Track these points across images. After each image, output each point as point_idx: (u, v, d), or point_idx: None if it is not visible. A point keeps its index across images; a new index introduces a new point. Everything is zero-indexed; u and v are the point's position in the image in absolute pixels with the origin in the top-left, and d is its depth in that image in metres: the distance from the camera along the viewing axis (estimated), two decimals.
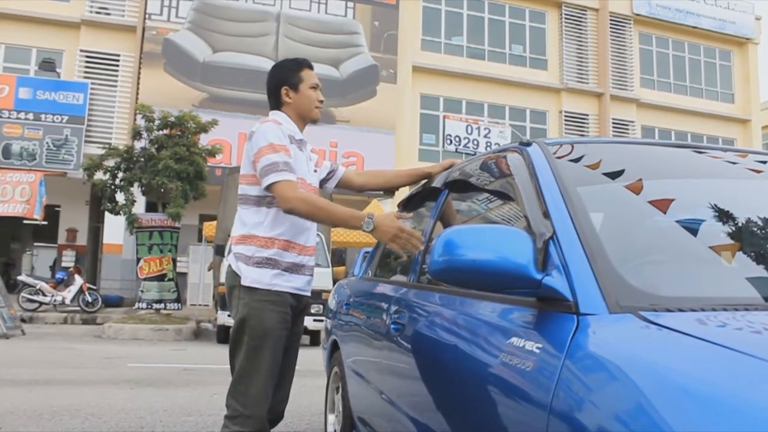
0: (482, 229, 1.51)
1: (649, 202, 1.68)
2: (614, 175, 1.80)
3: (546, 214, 1.53)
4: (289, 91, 2.67)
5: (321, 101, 2.73)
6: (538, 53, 21.92)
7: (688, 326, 1.13)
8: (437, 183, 2.60)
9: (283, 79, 2.69)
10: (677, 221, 1.66)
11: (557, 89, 21.64)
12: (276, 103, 2.71)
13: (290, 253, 2.51)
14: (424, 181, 2.87)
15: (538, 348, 1.30)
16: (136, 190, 12.29)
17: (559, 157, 1.78)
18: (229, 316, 9.60)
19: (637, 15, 22.88)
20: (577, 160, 1.85)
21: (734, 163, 2.07)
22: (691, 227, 1.62)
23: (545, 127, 21.49)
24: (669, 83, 23.71)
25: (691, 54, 24.11)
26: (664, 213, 1.65)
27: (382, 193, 14.49)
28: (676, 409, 0.93)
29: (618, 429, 0.99)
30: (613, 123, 21.76)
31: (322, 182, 2.85)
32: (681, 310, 1.21)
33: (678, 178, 1.92)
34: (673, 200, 1.68)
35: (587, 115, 21.84)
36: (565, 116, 21.51)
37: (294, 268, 2.52)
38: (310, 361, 4.56)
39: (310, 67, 2.73)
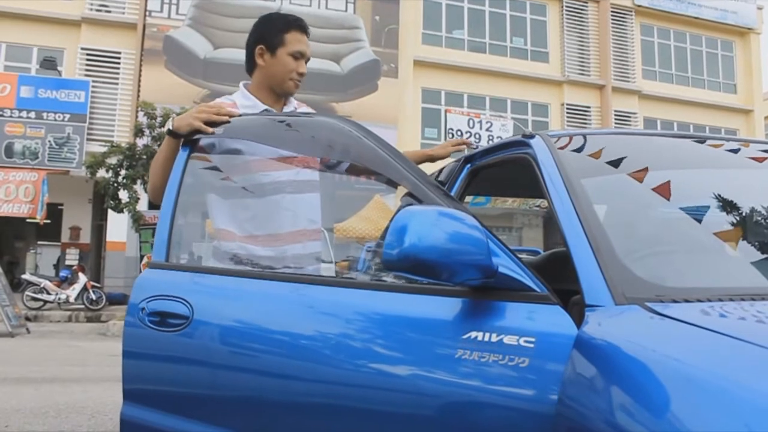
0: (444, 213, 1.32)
1: (654, 191, 1.67)
2: (618, 167, 1.79)
3: (550, 206, 1.52)
4: (264, 53, 2.25)
5: (301, 74, 2.28)
6: (540, 46, 21.86)
7: (696, 317, 1.13)
8: (442, 177, 2.59)
9: (261, 36, 2.26)
10: (682, 211, 1.65)
11: (559, 82, 21.58)
12: (249, 65, 2.31)
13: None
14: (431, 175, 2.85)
15: (541, 342, 1.27)
16: (139, 187, 12.30)
17: (562, 149, 1.77)
18: None
19: (639, 6, 22.79)
20: (580, 152, 1.84)
21: (738, 152, 2.07)
22: (697, 218, 1.62)
23: (547, 120, 21.45)
24: (671, 74, 23.63)
25: (693, 45, 24.02)
26: (668, 201, 1.64)
27: None
28: (684, 401, 0.93)
29: (626, 421, 0.99)
30: (615, 115, 21.71)
31: None
32: (687, 301, 1.20)
33: (682, 168, 1.91)
34: (677, 190, 1.67)
35: (589, 107, 21.78)
36: (567, 109, 21.46)
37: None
38: None
39: (302, 30, 2.28)
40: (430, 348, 1.37)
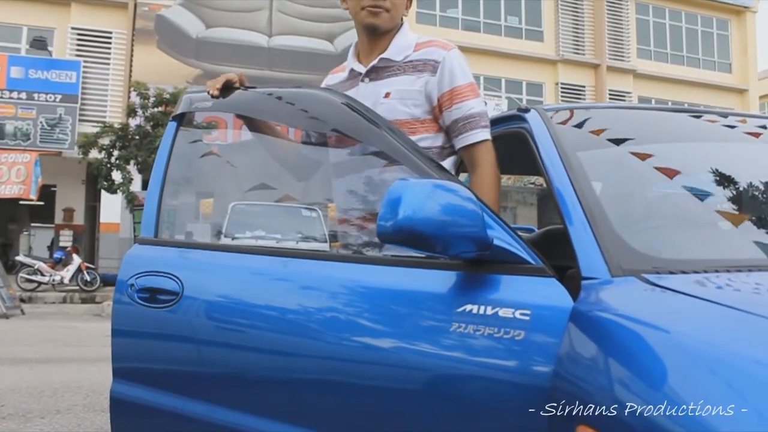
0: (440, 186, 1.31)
1: (648, 164, 1.67)
2: (614, 140, 1.78)
3: (546, 180, 1.51)
4: None
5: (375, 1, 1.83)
6: (534, 24, 21.74)
7: (692, 288, 1.13)
8: None
9: None
10: (678, 185, 1.65)
11: (553, 61, 21.49)
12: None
13: None
14: None
15: (536, 315, 1.25)
16: (132, 167, 12.25)
17: (558, 123, 1.76)
18: None
19: None
20: (575, 126, 1.83)
21: (733, 127, 2.06)
22: (692, 191, 1.62)
23: (542, 99, 21.39)
24: (666, 53, 23.56)
25: (688, 23, 23.92)
26: (665, 176, 1.64)
27: None
28: (679, 370, 0.93)
29: (622, 392, 0.99)
30: (610, 94, 21.66)
31: None
32: (684, 272, 1.20)
33: (678, 142, 1.91)
34: (675, 168, 1.67)
35: (584, 86, 21.72)
36: (562, 88, 21.40)
37: None
38: None
39: None
40: (425, 321, 1.36)
